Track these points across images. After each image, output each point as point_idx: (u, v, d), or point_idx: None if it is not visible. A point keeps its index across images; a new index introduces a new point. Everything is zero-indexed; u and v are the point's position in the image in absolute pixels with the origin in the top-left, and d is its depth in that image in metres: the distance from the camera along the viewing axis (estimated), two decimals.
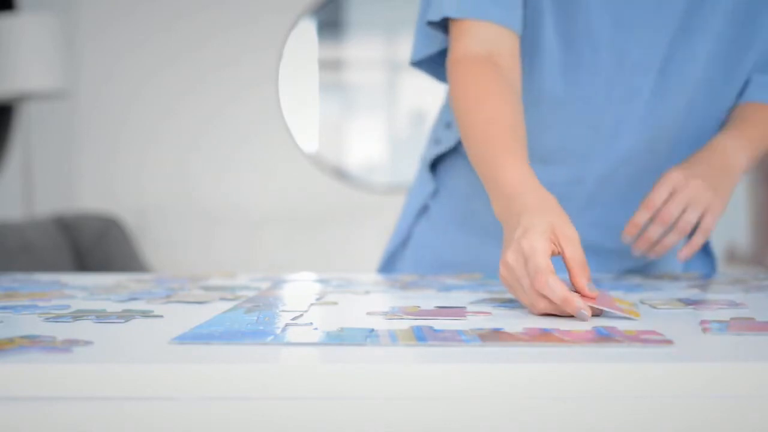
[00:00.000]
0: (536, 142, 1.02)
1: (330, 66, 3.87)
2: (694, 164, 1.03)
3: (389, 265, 1.30)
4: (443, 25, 1.06)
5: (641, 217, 1.01)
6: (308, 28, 3.73)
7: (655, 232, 1.01)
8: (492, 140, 0.92)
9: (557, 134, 1.08)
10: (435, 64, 1.12)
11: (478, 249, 1.20)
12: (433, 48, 1.09)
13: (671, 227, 1.00)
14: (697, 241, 1.01)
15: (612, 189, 1.12)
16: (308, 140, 3.74)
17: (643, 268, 1.20)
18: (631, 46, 1.04)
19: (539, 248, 0.77)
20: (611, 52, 1.05)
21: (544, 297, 0.75)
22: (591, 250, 1.11)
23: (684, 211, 0.99)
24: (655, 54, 1.05)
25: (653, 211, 1.00)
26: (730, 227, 3.51)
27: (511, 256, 0.79)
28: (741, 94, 1.12)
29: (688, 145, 1.10)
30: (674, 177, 1.00)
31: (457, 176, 1.22)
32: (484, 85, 0.98)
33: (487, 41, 1.00)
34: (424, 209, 1.26)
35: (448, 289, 0.97)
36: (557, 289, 0.74)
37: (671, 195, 1.00)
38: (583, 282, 0.78)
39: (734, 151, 1.04)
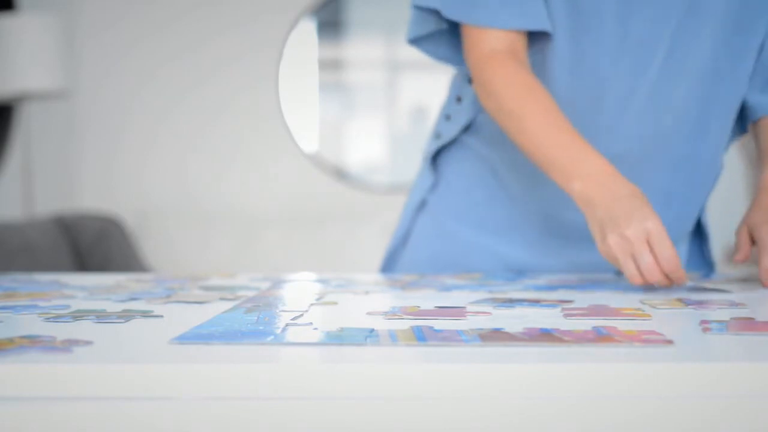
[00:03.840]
0: None
1: (330, 66, 3.87)
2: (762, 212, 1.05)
3: (390, 263, 1.30)
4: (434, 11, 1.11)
5: None
6: (308, 28, 3.73)
7: None
8: (563, 126, 1.02)
9: (565, 106, 1.09)
10: (432, 42, 1.16)
11: (474, 242, 1.21)
12: (427, 28, 1.14)
13: None
14: None
15: (618, 169, 1.11)
16: (308, 140, 3.74)
17: None
18: (636, 20, 1.06)
19: (664, 231, 0.92)
20: (616, 23, 1.06)
21: (661, 272, 0.91)
22: (587, 239, 1.13)
23: None
24: (662, 32, 1.06)
25: None
26: (730, 227, 3.51)
27: (632, 232, 0.92)
28: (745, 116, 1.15)
29: (694, 128, 1.11)
30: None
31: (457, 169, 1.23)
32: (526, 77, 1.05)
33: (508, 39, 1.07)
34: (422, 204, 1.27)
35: (448, 289, 0.97)
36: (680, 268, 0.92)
37: None
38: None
39: None
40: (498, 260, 1.20)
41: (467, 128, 1.22)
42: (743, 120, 1.18)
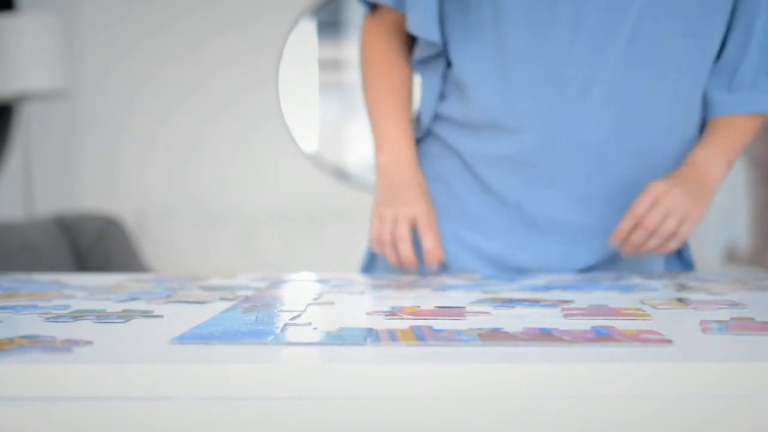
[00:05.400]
0: (507, 105, 1.12)
1: (330, 66, 3.87)
2: (675, 177, 1.12)
3: (370, 263, 1.31)
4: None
5: (626, 224, 1.11)
6: (308, 28, 3.73)
7: (638, 237, 1.11)
8: (394, 107, 1.22)
9: (526, 95, 1.12)
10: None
11: (453, 234, 1.22)
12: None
13: (653, 233, 1.10)
14: (672, 246, 1.12)
15: (584, 159, 1.14)
16: (308, 140, 3.74)
17: (615, 255, 1.21)
18: (590, 9, 1.09)
19: (432, 221, 1.16)
20: (570, 10, 1.09)
21: (412, 250, 1.14)
22: (563, 228, 1.17)
23: (665, 218, 1.09)
24: (619, 21, 1.09)
25: (637, 219, 1.10)
26: (730, 227, 3.51)
27: (404, 211, 1.16)
28: (705, 107, 1.19)
29: (659, 121, 1.14)
30: (657, 187, 1.10)
31: (433, 163, 1.24)
32: (388, 53, 1.23)
33: (397, 19, 1.22)
34: None
35: (447, 289, 0.97)
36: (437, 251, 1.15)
37: (653, 204, 1.09)
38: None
39: (711, 163, 1.14)
40: (473, 252, 1.21)
41: (435, 120, 1.24)
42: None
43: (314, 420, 0.56)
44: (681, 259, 1.27)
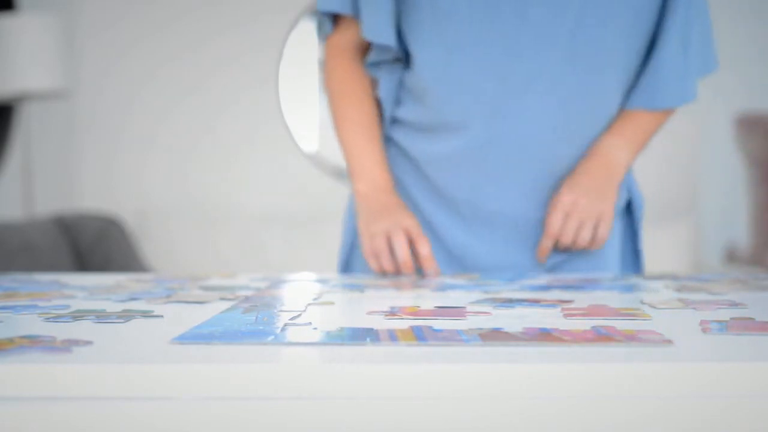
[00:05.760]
0: (452, 102, 1.16)
1: None
2: (579, 179, 1.17)
3: (346, 269, 1.31)
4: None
5: (547, 243, 1.18)
6: (308, 28, 3.73)
7: (563, 249, 1.20)
8: (365, 135, 1.23)
9: (471, 88, 1.15)
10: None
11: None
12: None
13: (573, 244, 1.18)
14: (596, 247, 1.19)
15: (530, 152, 1.18)
16: (308, 140, 3.74)
17: (568, 249, 1.23)
18: (532, 3, 1.13)
19: (420, 230, 1.16)
20: (514, 9, 1.13)
21: (409, 255, 1.12)
22: (516, 223, 1.21)
23: (579, 230, 1.16)
24: (562, 14, 1.13)
25: (555, 237, 1.17)
26: (730, 227, 3.51)
27: (393, 224, 1.14)
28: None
29: (598, 110, 1.19)
30: (564, 202, 1.16)
31: (392, 170, 1.27)
32: (357, 79, 1.25)
33: (357, 36, 1.23)
34: None
35: (447, 289, 0.97)
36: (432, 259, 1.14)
37: (565, 219, 1.16)
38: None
39: (615, 150, 1.19)
40: (440, 246, 1.23)
41: (392, 125, 1.26)
42: None
43: (314, 420, 0.56)
44: (636, 257, 1.30)
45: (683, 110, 1.42)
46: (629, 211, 1.29)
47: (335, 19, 1.26)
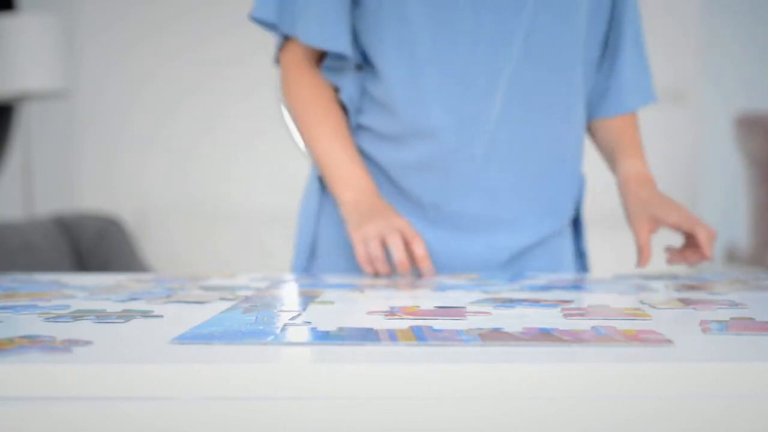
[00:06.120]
0: (422, 113, 1.17)
1: None
2: (651, 202, 1.16)
3: (307, 266, 1.31)
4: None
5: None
6: None
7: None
8: (342, 143, 1.21)
9: (438, 98, 1.17)
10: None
11: None
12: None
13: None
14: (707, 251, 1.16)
15: (495, 155, 1.19)
16: None
17: (537, 244, 1.24)
18: (486, 10, 1.15)
19: (413, 228, 1.14)
20: (471, 14, 1.15)
21: (405, 253, 1.10)
22: (480, 224, 1.22)
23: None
24: (514, 19, 1.15)
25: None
26: (730, 227, 3.51)
27: (385, 225, 1.12)
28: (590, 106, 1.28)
29: (558, 109, 1.21)
30: (704, 231, 1.14)
31: None
32: (321, 90, 1.24)
33: (312, 51, 1.24)
34: (321, 208, 1.28)
35: (447, 289, 0.97)
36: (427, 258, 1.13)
37: (699, 227, 1.14)
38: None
39: (646, 171, 1.22)
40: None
41: (357, 131, 1.26)
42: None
43: (314, 420, 0.56)
44: (580, 256, 1.32)
45: (683, 110, 1.42)
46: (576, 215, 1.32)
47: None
